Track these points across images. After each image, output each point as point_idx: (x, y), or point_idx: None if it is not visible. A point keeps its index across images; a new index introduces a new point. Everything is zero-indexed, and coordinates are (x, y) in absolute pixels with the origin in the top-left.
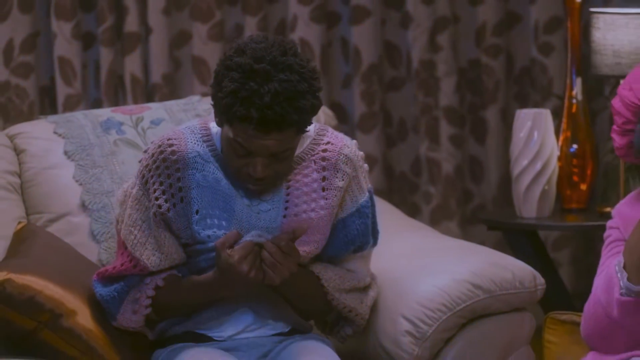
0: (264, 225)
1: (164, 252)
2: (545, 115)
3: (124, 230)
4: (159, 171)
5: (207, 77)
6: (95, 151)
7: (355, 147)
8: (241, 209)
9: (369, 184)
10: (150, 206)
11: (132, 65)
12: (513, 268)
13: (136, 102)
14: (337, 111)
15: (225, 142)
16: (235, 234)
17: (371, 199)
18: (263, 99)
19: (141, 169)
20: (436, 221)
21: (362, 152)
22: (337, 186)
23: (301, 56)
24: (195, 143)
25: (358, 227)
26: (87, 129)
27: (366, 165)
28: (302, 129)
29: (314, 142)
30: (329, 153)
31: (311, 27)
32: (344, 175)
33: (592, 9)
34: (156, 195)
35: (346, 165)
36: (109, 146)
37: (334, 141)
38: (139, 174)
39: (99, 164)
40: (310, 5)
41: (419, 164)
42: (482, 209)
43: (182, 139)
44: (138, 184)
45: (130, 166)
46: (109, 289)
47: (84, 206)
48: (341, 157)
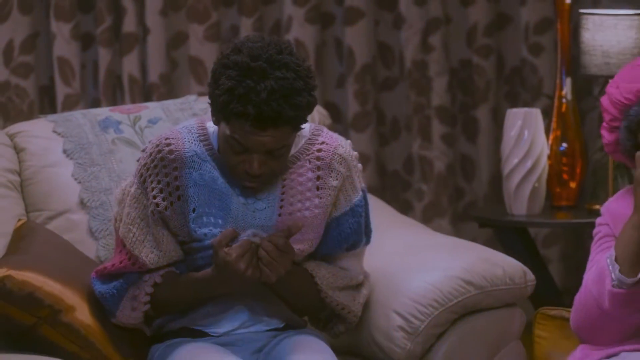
0: (259, 223)
1: (162, 249)
2: (536, 114)
3: (122, 229)
4: (156, 170)
5: (204, 77)
6: (94, 150)
7: (349, 147)
8: (237, 208)
9: (363, 184)
10: (148, 204)
11: (130, 65)
12: (504, 264)
13: (134, 101)
14: (331, 110)
15: (222, 140)
16: (232, 231)
17: (364, 198)
18: (260, 95)
19: (139, 168)
20: (428, 218)
21: (356, 152)
22: (331, 185)
23: (297, 55)
24: (192, 142)
25: (351, 226)
26: (85, 128)
27: (360, 165)
28: (298, 126)
29: (309, 141)
30: (323, 153)
31: (306, 28)
32: (338, 174)
33: (582, 10)
34: (154, 193)
35: (340, 165)
36: (107, 145)
37: (329, 141)
38: (137, 172)
39: (97, 163)
40: (304, 7)
41: (411, 162)
42: (473, 207)
43: (179, 139)
44: (136, 183)
45: (128, 164)
46: (108, 286)
47: (82, 204)
48: (336, 156)
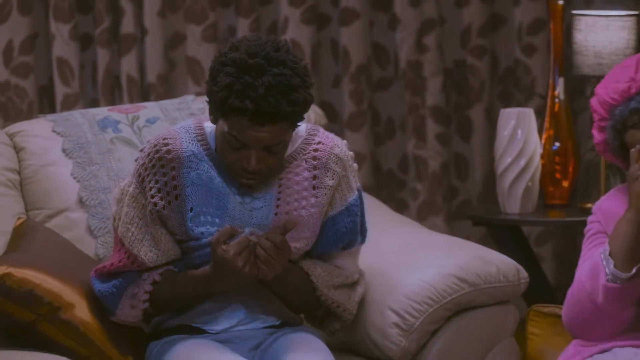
0: (256, 222)
1: (161, 248)
2: (529, 114)
3: (121, 228)
4: (154, 170)
5: (201, 77)
6: (93, 149)
7: (345, 147)
8: (234, 207)
9: (358, 183)
10: (146, 204)
11: (128, 65)
12: (497, 262)
13: (132, 101)
14: (327, 110)
15: (220, 137)
16: (230, 229)
17: (360, 197)
18: (257, 91)
19: (137, 167)
20: (423, 217)
21: (351, 152)
22: (327, 185)
23: (293, 54)
24: (189, 142)
25: (347, 225)
26: (84, 128)
27: (356, 164)
28: (295, 123)
29: (306, 141)
30: (319, 153)
31: (302, 29)
32: (334, 174)
33: (574, 12)
34: (152, 193)
35: (336, 164)
36: (105, 144)
37: (325, 141)
38: (135, 172)
39: (96, 162)
40: (301, 8)
41: (406, 161)
42: (467, 205)
43: (177, 139)
44: (134, 182)
45: (126, 163)
46: (107, 285)
47: (81, 202)
48: (332, 156)
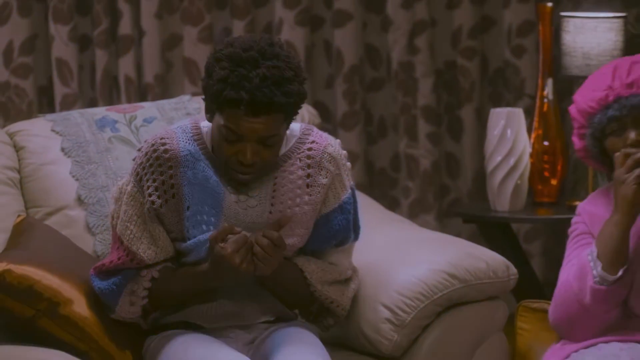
0: (250, 220)
1: (159, 245)
2: (518, 114)
3: (120, 226)
4: (152, 169)
5: (197, 77)
6: (91, 148)
7: (338, 146)
8: (229, 206)
9: (351, 182)
10: (144, 202)
11: (126, 66)
12: (487, 259)
13: (130, 101)
14: (321, 110)
15: (216, 132)
16: (227, 227)
17: (353, 195)
18: (252, 82)
19: (135, 166)
20: (414, 214)
21: (345, 151)
22: (321, 183)
23: (287, 50)
24: (186, 142)
25: (340, 223)
26: (83, 127)
27: (349, 163)
28: (289, 116)
29: (300, 140)
30: (313, 152)
31: (296, 30)
32: (327, 172)
33: (563, 13)
34: (150, 191)
35: (330, 163)
36: (103, 143)
37: (319, 140)
38: (133, 171)
39: (94, 160)
40: (295, 9)
41: (398, 160)
42: (458, 203)
43: (174, 138)
44: (132, 181)
45: (124, 162)
46: (107, 282)
47: (80, 200)
48: (325, 155)
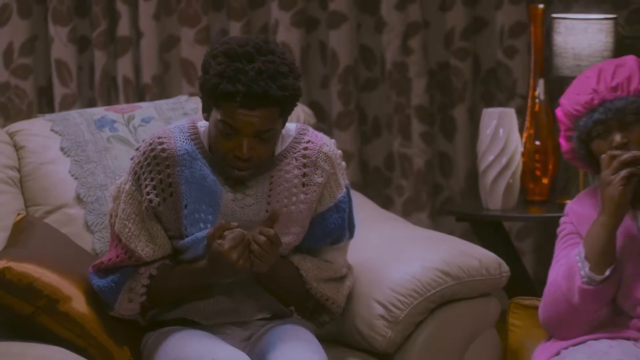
0: (247, 218)
1: (157, 243)
2: (510, 114)
3: (118, 224)
4: (150, 167)
5: (195, 78)
6: (90, 147)
7: (333, 146)
8: (226, 204)
9: (346, 181)
10: (142, 200)
11: (124, 67)
12: (480, 256)
13: (128, 101)
14: (316, 110)
15: (213, 128)
16: (223, 224)
17: (348, 194)
18: (248, 75)
19: (133, 166)
20: (408, 212)
21: (340, 151)
22: (316, 182)
23: (281, 48)
24: (183, 141)
25: (335, 221)
26: (82, 127)
27: (344, 162)
28: (285, 111)
29: (296, 140)
30: (309, 151)
31: (291, 32)
32: (323, 172)
33: (554, 15)
34: (147, 190)
35: (325, 162)
36: (102, 143)
37: (314, 140)
38: (131, 170)
39: (93, 160)
40: (290, 11)
41: (392, 159)
42: (450, 201)
43: (171, 138)
44: (131, 180)
45: (122, 161)
46: (106, 280)
47: (79, 199)
48: (321, 155)
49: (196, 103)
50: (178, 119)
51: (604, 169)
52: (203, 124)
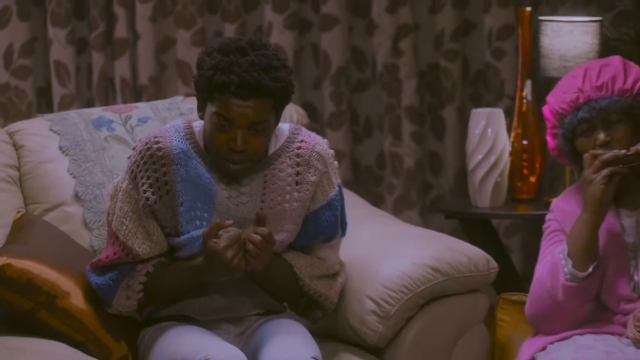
0: (242, 216)
1: (154, 240)
2: (498, 114)
3: (115, 222)
4: (146, 166)
5: (190, 79)
6: (88, 147)
7: (326, 146)
8: (221, 202)
9: (339, 179)
10: (139, 199)
11: (121, 68)
12: (469, 253)
13: (125, 101)
14: (308, 110)
15: (208, 123)
16: (218, 223)
17: (340, 193)
18: (242, 66)
19: (130, 164)
20: (398, 210)
21: (332, 150)
22: (309, 181)
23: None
24: (179, 140)
25: (328, 219)
26: (80, 127)
27: (336, 162)
28: (278, 103)
29: (289, 140)
30: (302, 150)
31: (285, 34)
32: (315, 171)
33: (541, 18)
34: (144, 188)
35: (318, 161)
36: (100, 142)
37: (307, 139)
38: (128, 169)
39: (91, 159)
40: (284, 14)
41: (383, 158)
42: (440, 200)
43: (167, 137)
44: (127, 179)
45: (119, 160)
46: (104, 277)
47: (77, 197)
48: (314, 154)
49: (192, 103)
50: (174, 118)
51: (586, 167)
52: (198, 124)
